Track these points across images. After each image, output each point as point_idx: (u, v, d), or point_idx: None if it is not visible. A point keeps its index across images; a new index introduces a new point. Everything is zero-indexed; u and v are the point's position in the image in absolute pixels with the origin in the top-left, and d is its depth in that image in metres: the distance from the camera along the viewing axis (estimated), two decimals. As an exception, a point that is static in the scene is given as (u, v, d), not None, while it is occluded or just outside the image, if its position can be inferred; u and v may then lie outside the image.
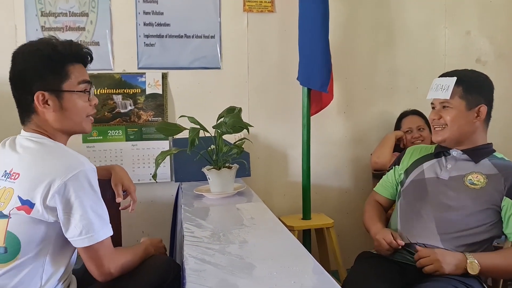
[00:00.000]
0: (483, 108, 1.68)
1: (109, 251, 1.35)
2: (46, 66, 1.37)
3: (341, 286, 1.12)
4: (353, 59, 2.88)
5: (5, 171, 1.33)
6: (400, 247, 1.67)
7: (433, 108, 1.78)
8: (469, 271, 1.51)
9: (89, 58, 1.48)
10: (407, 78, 2.95)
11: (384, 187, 1.98)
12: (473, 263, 1.52)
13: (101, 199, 1.35)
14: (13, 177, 1.31)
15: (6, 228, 1.28)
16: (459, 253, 1.56)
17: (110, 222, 1.36)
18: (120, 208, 1.79)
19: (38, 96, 1.36)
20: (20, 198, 1.28)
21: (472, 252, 1.58)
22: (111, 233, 1.35)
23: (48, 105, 1.37)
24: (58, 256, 1.35)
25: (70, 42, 1.45)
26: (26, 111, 1.40)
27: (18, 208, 1.28)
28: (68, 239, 1.31)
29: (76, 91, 1.41)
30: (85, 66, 1.48)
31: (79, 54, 1.44)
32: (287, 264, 1.26)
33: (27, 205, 1.27)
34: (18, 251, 1.29)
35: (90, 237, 1.29)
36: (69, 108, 1.40)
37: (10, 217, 1.28)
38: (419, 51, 2.95)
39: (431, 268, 1.53)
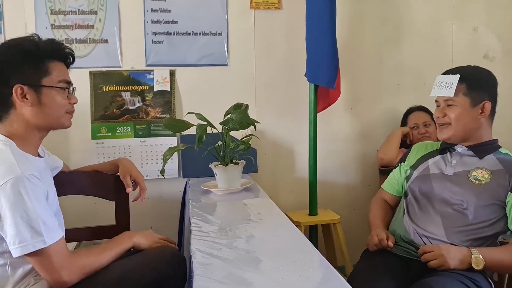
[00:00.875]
0: (488, 104, 1.68)
1: (58, 258, 1.30)
2: (26, 60, 1.38)
3: (347, 281, 1.13)
4: (360, 56, 2.88)
5: None
6: (389, 248, 1.69)
7: (437, 105, 1.78)
8: (474, 266, 1.52)
9: (71, 59, 1.49)
10: (414, 75, 2.94)
11: (391, 184, 1.99)
12: (478, 258, 1.53)
13: (38, 207, 1.27)
14: None
15: None
16: (464, 248, 1.57)
17: (119, 217, 1.35)
18: (131, 200, 1.81)
19: (16, 90, 1.36)
20: None
21: (477, 247, 1.58)
22: (54, 240, 1.29)
23: (26, 99, 1.37)
24: None
25: (52, 40, 1.46)
26: (4, 106, 1.39)
27: None
28: None
29: (55, 87, 1.41)
30: (67, 66, 1.49)
31: (60, 53, 1.45)
32: (293, 258, 1.27)
33: None
34: None
35: (23, 246, 1.25)
36: (47, 103, 1.40)
37: None
38: (426, 48, 2.95)
39: (436, 263, 1.54)
